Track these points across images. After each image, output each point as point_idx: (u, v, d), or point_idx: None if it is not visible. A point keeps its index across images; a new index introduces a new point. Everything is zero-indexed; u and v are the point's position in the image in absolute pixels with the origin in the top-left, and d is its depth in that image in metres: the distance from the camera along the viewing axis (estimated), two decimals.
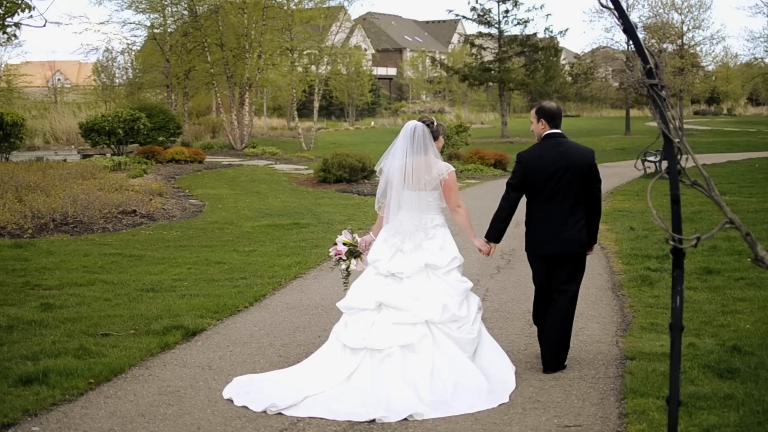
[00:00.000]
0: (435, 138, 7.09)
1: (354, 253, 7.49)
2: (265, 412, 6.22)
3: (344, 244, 7.53)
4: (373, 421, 6.02)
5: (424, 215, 6.92)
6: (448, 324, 6.62)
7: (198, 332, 8.37)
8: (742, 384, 6.53)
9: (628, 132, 53.69)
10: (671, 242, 3.40)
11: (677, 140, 3.40)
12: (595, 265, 11.20)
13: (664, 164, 3.49)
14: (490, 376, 6.62)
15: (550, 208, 7.12)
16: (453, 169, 7.08)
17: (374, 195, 21.52)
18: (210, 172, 27.32)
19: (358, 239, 7.50)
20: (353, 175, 23.56)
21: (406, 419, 6.06)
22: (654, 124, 59.21)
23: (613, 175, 25.16)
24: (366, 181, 23.67)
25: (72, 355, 7.37)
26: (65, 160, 28.06)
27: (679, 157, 3.45)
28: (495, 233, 7.29)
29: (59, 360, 7.19)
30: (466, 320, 6.71)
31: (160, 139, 32.24)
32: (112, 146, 29.83)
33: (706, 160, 28.99)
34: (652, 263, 11.53)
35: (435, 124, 7.17)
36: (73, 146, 36.67)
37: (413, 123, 7.11)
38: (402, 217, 6.92)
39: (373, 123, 64.37)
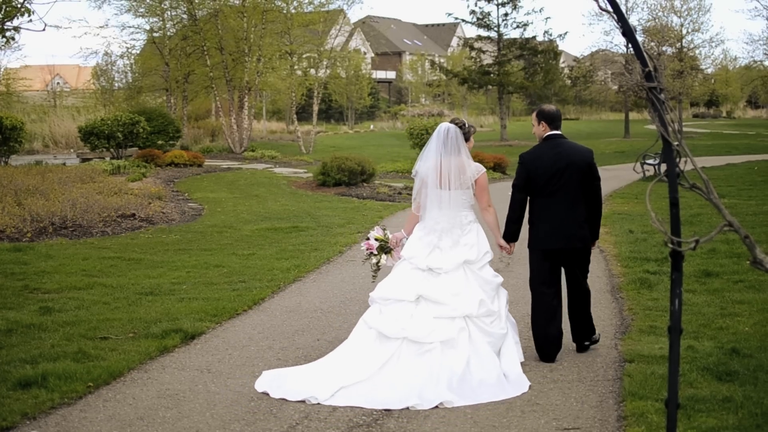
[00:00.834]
0: (466, 139, 7.42)
1: (385, 248, 7.74)
2: (303, 402, 6.47)
3: (376, 239, 7.78)
4: (407, 408, 6.32)
5: (458, 213, 7.25)
6: (483, 318, 6.97)
7: (197, 335, 8.37)
8: (741, 387, 6.53)
9: (627, 135, 53.69)
10: (670, 245, 3.40)
11: (676, 143, 3.40)
12: (593, 267, 11.15)
13: (663, 167, 3.50)
14: (514, 367, 6.93)
15: (551, 205, 7.47)
16: (485, 170, 7.45)
17: (373, 198, 21.63)
18: (209, 175, 27.32)
19: (390, 235, 7.75)
20: (352, 179, 23.54)
21: (436, 407, 6.35)
22: (653, 127, 59.14)
23: (612, 178, 25.18)
24: (365, 184, 23.67)
25: (71, 359, 7.37)
26: (64, 164, 28.03)
27: (678, 160, 3.45)
28: (510, 233, 7.68)
29: (58, 363, 7.19)
30: (498, 315, 7.08)
31: (160, 142, 32.22)
32: (112, 150, 29.82)
33: (705, 163, 29.04)
34: (651, 266, 11.53)
35: (467, 126, 7.49)
36: (72, 150, 36.65)
37: (446, 125, 7.41)
38: (437, 216, 7.23)
39: (372, 126, 64.41)
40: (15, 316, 8.91)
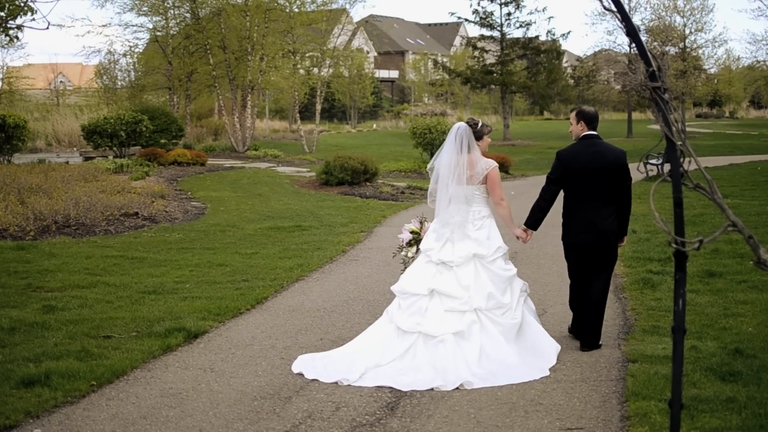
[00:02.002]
0: (479, 137, 7.77)
1: (418, 241, 8.20)
2: (336, 383, 6.90)
3: (411, 232, 8.27)
4: (432, 389, 6.72)
5: (470, 208, 7.61)
6: (493, 311, 7.32)
7: (200, 334, 8.38)
8: (745, 387, 6.52)
9: (630, 135, 53.66)
10: (674, 245, 3.40)
11: (680, 143, 3.39)
12: None
13: (667, 167, 3.50)
14: (534, 352, 7.34)
15: (586, 201, 7.84)
16: (496, 165, 7.77)
17: (376, 198, 21.64)
18: (212, 174, 27.32)
19: (426, 226, 8.17)
20: (355, 178, 23.54)
21: (457, 388, 6.74)
22: (656, 126, 59.14)
23: None
24: (368, 183, 23.67)
25: (74, 357, 7.38)
26: (67, 163, 28.03)
27: (681, 159, 3.45)
28: (533, 221, 8.05)
29: (61, 362, 7.20)
30: (509, 307, 7.40)
31: (162, 141, 32.21)
32: (114, 148, 29.80)
33: (708, 163, 29.01)
34: (654, 266, 11.53)
35: (479, 124, 7.84)
36: (75, 148, 36.69)
37: (458, 124, 7.83)
38: (451, 210, 7.59)
39: (375, 125, 64.38)
40: (18, 315, 8.91)
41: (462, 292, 7.30)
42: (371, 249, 13.71)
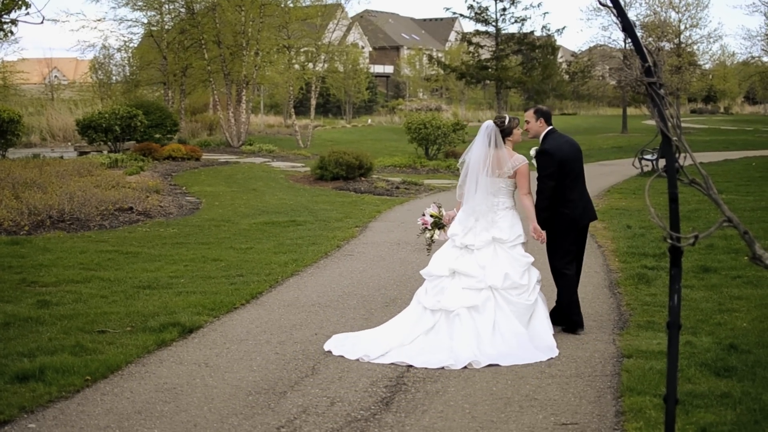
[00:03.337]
0: (508, 133, 8.24)
1: (438, 224, 8.70)
2: (358, 360, 7.38)
3: (431, 216, 8.69)
4: (443, 368, 7.13)
5: (495, 198, 8.06)
6: (509, 290, 7.75)
7: (194, 329, 8.37)
8: (739, 382, 6.53)
9: (625, 130, 53.70)
10: (669, 240, 3.39)
11: (675, 138, 3.39)
12: (591, 263, 11.19)
13: (661, 163, 3.50)
14: (542, 337, 7.69)
15: (577, 186, 8.37)
16: (527, 161, 8.22)
17: (371, 193, 21.68)
18: (207, 169, 27.28)
19: (444, 213, 8.60)
20: (350, 173, 23.51)
21: (465, 367, 7.14)
22: (651, 122, 59.14)
23: (610, 173, 25.16)
24: (363, 178, 23.65)
25: (68, 352, 7.37)
26: (62, 157, 27.93)
27: (677, 155, 3.44)
28: (542, 221, 8.29)
29: (56, 357, 7.19)
30: (525, 288, 7.82)
31: (157, 136, 32.14)
32: (109, 143, 29.73)
33: (703, 159, 29.04)
34: (649, 261, 11.54)
35: (507, 121, 8.28)
36: (69, 143, 36.57)
37: (487, 122, 8.32)
38: (477, 199, 8.03)
39: (370, 121, 64.30)
40: (12, 310, 8.90)
41: (479, 271, 7.75)
42: (366, 244, 13.71)
